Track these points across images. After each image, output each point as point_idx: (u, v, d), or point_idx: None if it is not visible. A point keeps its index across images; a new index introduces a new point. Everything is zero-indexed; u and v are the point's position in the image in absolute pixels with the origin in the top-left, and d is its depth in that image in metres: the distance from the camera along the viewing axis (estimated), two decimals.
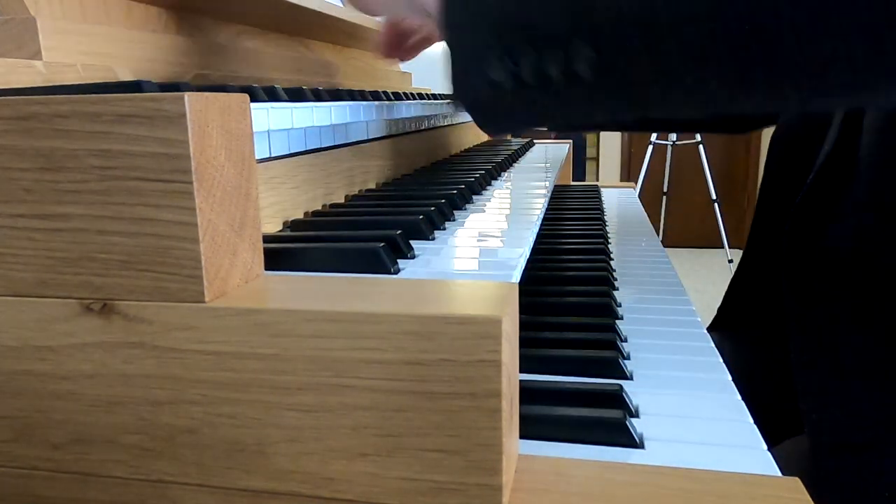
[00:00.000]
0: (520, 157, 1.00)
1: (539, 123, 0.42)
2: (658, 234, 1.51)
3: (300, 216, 0.49)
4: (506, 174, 0.78)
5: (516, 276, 0.35)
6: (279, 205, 0.46)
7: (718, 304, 0.76)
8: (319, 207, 0.52)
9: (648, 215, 1.04)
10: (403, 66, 1.24)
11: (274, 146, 0.47)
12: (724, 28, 0.35)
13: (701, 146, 3.10)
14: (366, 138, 0.64)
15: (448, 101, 0.43)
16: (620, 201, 1.16)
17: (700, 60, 0.36)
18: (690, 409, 0.37)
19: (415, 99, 0.78)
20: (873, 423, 0.48)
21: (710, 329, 0.78)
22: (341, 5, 0.89)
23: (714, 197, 3.12)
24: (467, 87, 0.40)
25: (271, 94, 0.47)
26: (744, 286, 0.75)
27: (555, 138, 1.60)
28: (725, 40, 0.35)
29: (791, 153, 0.67)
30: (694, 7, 0.35)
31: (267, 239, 0.34)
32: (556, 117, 0.40)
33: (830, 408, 0.49)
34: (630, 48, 0.36)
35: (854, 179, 0.52)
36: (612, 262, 0.70)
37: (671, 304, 0.57)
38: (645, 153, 3.29)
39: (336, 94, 0.57)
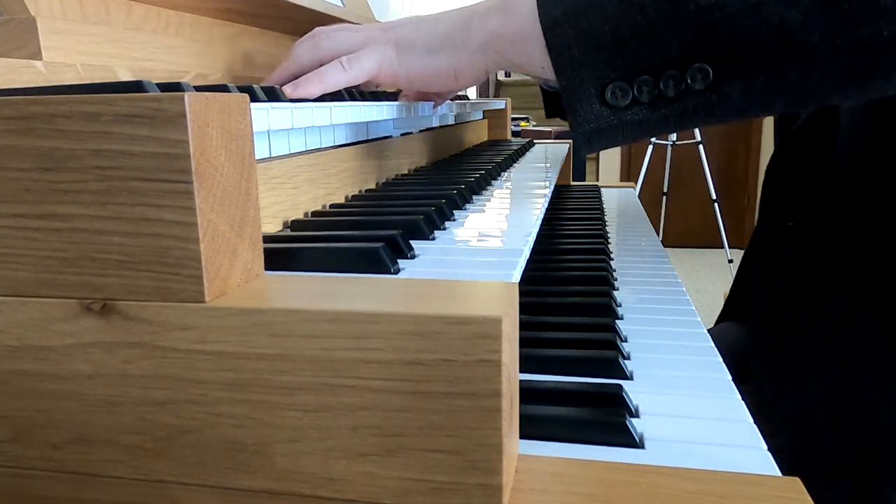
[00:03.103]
0: (520, 157, 1.00)
1: (643, 138, 0.46)
2: (658, 234, 1.51)
3: (300, 216, 0.49)
4: (506, 174, 0.78)
5: (516, 276, 0.35)
6: (279, 205, 0.46)
7: (718, 303, 0.76)
8: (319, 207, 0.52)
9: (648, 215, 1.04)
10: None
11: (274, 146, 0.47)
12: (836, 38, 0.38)
13: (701, 146, 3.10)
14: (366, 138, 0.64)
15: (571, 132, 0.46)
16: (620, 201, 1.16)
17: (812, 66, 0.40)
18: (690, 409, 0.37)
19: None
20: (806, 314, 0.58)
21: (720, 321, 0.79)
22: (341, 5, 0.89)
23: (714, 197, 3.12)
24: (588, 117, 0.44)
25: (271, 94, 0.47)
26: (749, 273, 0.77)
27: (554, 139, 1.60)
28: (836, 52, 0.39)
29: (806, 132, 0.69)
30: (805, 13, 0.38)
31: (267, 239, 0.34)
32: (661, 130, 0.44)
33: (775, 306, 0.60)
34: (745, 57, 0.40)
35: (837, 129, 0.59)
36: (612, 262, 0.70)
37: (671, 304, 0.57)
38: (645, 153, 3.29)
39: (336, 95, 0.57)
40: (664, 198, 3.50)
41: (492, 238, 0.43)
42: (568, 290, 0.59)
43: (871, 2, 0.37)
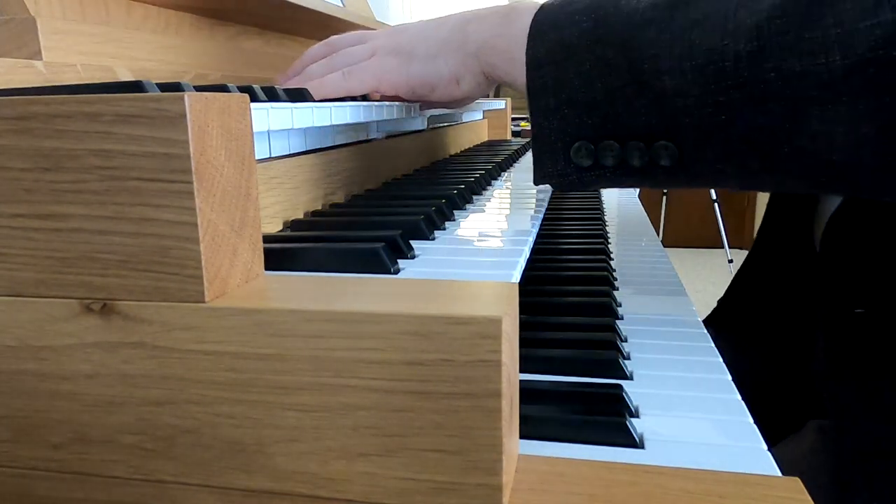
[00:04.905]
0: (520, 157, 1.00)
1: (615, 187, 0.46)
2: (658, 234, 1.51)
3: (300, 216, 0.49)
4: (506, 174, 0.78)
5: (516, 276, 0.35)
6: (279, 205, 0.46)
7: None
8: (319, 207, 0.52)
9: (648, 215, 1.04)
10: None
11: (274, 146, 0.47)
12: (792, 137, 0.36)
13: None
14: (366, 138, 0.64)
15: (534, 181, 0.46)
16: (620, 201, 1.16)
17: (776, 164, 0.38)
18: (690, 409, 0.37)
19: None
20: None
21: (703, 323, 0.77)
22: (342, 5, 0.89)
23: (714, 197, 3.13)
24: (552, 171, 0.43)
25: (271, 94, 0.47)
26: (749, 284, 0.75)
27: None
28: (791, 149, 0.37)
29: None
30: (772, 122, 0.37)
31: (267, 239, 0.34)
32: (629, 187, 0.44)
33: (861, 415, 0.48)
34: (710, 148, 0.38)
35: None
36: (612, 262, 0.70)
37: (671, 304, 0.57)
38: None
39: None
40: (664, 198, 3.50)
41: (492, 238, 0.43)
42: (568, 290, 0.59)
43: (843, 129, 0.35)
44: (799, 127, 0.36)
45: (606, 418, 0.34)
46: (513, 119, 1.43)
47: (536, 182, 0.45)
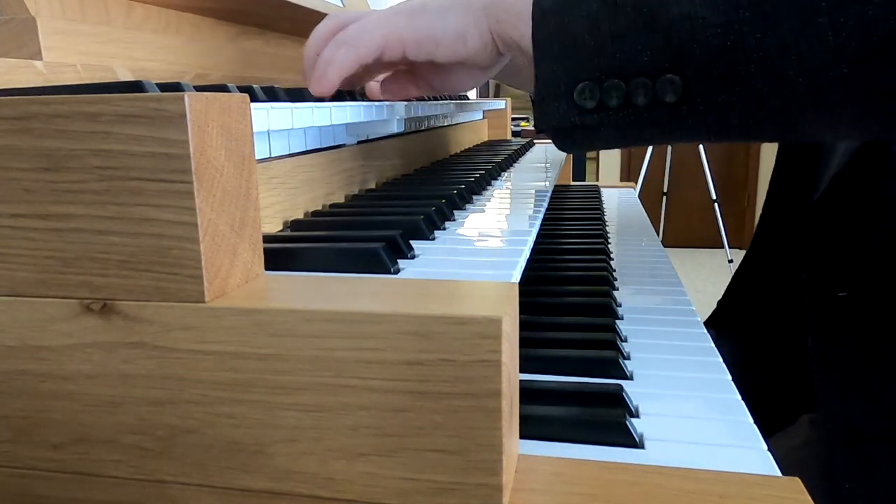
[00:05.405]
0: (520, 157, 1.00)
1: (618, 145, 0.44)
2: (658, 234, 1.51)
3: (300, 216, 0.49)
4: (506, 174, 0.78)
5: (516, 276, 0.35)
6: (279, 205, 0.46)
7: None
8: (319, 207, 0.52)
9: (648, 215, 1.04)
10: None
11: (274, 146, 0.47)
12: (813, 57, 0.36)
13: (701, 146, 3.10)
14: (366, 138, 0.64)
15: (534, 127, 0.45)
16: (620, 201, 1.16)
17: (785, 87, 0.37)
18: (690, 409, 0.37)
19: (414, 100, 0.78)
20: (890, 415, 0.48)
21: (705, 324, 0.78)
22: (342, 5, 0.89)
23: (714, 197, 3.13)
24: (553, 114, 0.42)
25: (271, 94, 0.47)
26: (748, 282, 0.75)
27: None
28: (813, 70, 0.36)
29: (803, 145, 0.66)
30: (782, 39, 0.36)
31: (267, 239, 0.34)
32: (636, 139, 0.42)
33: (848, 399, 0.49)
34: (718, 77, 0.38)
35: (888, 175, 0.52)
36: (612, 262, 0.70)
37: (671, 304, 0.57)
38: (645, 153, 3.29)
39: (336, 95, 0.57)
40: (664, 198, 3.50)
41: (492, 238, 0.43)
42: (568, 290, 0.59)
43: (861, 37, 0.34)
44: (812, 36, 0.35)
45: (607, 418, 0.34)
46: (513, 119, 1.43)
47: (536, 126, 0.44)
